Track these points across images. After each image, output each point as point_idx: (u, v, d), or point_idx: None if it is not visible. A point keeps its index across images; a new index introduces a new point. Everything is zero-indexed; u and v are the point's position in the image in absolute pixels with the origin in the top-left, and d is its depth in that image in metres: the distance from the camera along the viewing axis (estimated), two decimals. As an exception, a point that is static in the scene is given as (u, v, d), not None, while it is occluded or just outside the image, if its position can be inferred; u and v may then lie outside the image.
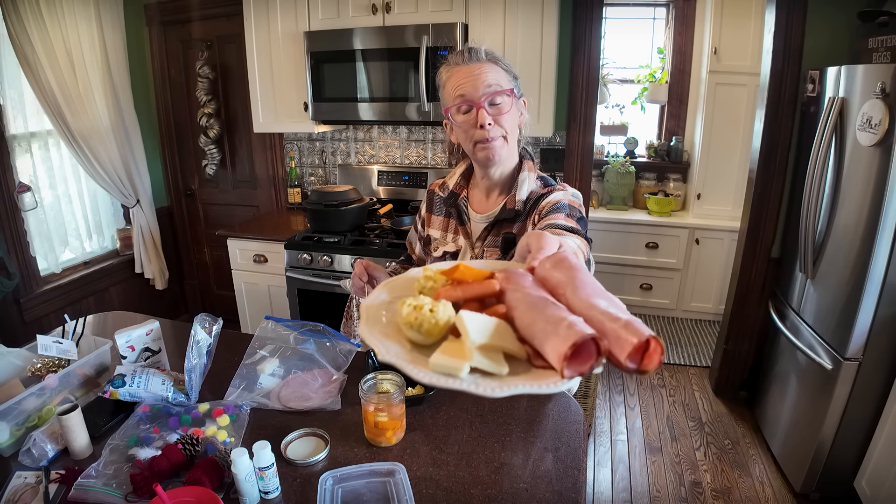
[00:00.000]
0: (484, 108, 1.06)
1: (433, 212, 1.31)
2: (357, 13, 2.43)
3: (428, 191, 1.34)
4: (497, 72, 1.08)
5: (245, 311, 2.80)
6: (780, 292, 2.36)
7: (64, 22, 2.58)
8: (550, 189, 1.16)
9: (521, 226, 1.15)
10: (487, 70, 1.07)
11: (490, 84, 1.06)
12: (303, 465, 1.00)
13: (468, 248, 1.21)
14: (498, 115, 1.08)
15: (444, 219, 1.27)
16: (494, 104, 1.07)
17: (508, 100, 1.08)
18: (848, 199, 1.82)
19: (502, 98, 1.07)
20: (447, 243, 1.24)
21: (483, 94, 1.06)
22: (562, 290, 0.52)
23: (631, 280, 3.68)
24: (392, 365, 0.48)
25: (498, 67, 1.09)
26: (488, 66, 1.07)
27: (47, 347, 1.21)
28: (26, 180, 2.61)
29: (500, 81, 1.07)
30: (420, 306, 0.51)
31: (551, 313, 0.48)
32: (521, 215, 1.15)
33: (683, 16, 3.71)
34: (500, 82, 1.07)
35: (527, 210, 1.15)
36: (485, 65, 1.07)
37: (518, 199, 1.14)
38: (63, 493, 0.93)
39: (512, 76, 1.11)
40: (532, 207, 1.15)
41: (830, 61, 2.03)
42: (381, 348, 0.49)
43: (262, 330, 1.35)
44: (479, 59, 1.08)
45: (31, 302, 2.63)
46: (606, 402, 2.76)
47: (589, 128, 2.56)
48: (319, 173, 3.18)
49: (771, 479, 2.17)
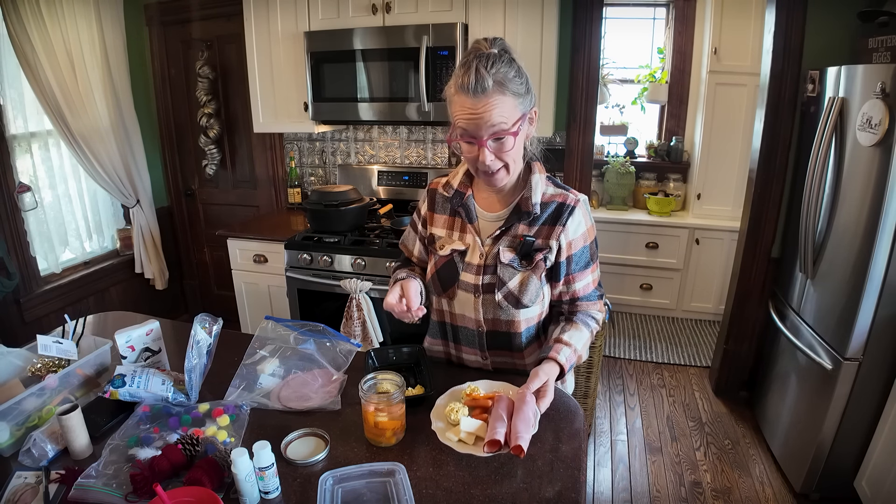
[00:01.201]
0: (486, 147, 1.04)
1: (436, 210, 1.28)
2: (357, 13, 2.43)
3: (428, 189, 1.30)
4: (503, 104, 1.01)
5: (245, 311, 2.80)
6: (780, 292, 2.36)
7: (64, 22, 2.58)
8: (565, 197, 1.16)
9: (539, 229, 1.16)
10: (493, 105, 1.00)
11: (494, 123, 1.01)
12: (303, 465, 1.00)
13: (476, 247, 1.19)
14: (500, 151, 1.06)
15: (450, 217, 1.25)
16: (498, 140, 1.05)
17: (512, 138, 1.05)
18: (848, 199, 1.82)
19: (506, 136, 1.04)
20: (454, 241, 1.22)
21: (486, 133, 1.03)
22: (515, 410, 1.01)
23: (631, 280, 3.68)
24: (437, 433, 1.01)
25: (506, 96, 1.01)
26: (494, 100, 1.00)
27: (47, 347, 1.21)
28: (26, 180, 2.61)
29: (506, 116, 1.02)
30: (452, 409, 1.04)
31: (495, 422, 0.99)
32: (539, 219, 1.16)
33: (683, 16, 3.71)
34: (506, 117, 1.02)
35: (546, 216, 1.16)
36: (491, 99, 1.00)
37: (533, 202, 1.14)
38: (63, 493, 0.93)
39: (521, 95, 1.05)
40: (555, 218, 1.15)
41: (830, 61, 2.03)
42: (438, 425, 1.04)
43: (262, 330, 1.35)
44: (485, 89, 0.99)
45: (31, 302, 2.64)
46: (606, 402, 2.76)
47: (589, 128, 2.56)
48: (319, 173, 3.18)
49: (771, 479, 2.18)
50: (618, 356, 3.21)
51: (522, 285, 1.15)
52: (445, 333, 1.31)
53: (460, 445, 0.97)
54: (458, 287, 1.21)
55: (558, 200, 1.16)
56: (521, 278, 1.16)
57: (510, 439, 0.94)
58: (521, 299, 1.16)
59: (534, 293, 1.16)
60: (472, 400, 1.06)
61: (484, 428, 0.99)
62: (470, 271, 1.19)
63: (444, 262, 1.22)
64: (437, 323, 1.31)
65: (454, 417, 1.01)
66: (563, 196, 1.17)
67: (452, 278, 1.21)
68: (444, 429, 1.00)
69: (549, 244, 1.15)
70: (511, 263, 1.15)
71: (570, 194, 1.18)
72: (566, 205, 1.16)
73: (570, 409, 1.16)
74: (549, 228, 1.15)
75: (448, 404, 1.05)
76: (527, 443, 0.94)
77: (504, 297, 1.16)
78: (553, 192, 1.18)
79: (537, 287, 1.16)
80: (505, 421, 0.98)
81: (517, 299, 1.16)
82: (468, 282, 1.19)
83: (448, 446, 0.99)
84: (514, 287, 1.16)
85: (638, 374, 3.02)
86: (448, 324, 1.28)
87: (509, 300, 1.16)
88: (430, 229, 1.28)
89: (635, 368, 3.09)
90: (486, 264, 1.18)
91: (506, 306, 1.17)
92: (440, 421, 1.03)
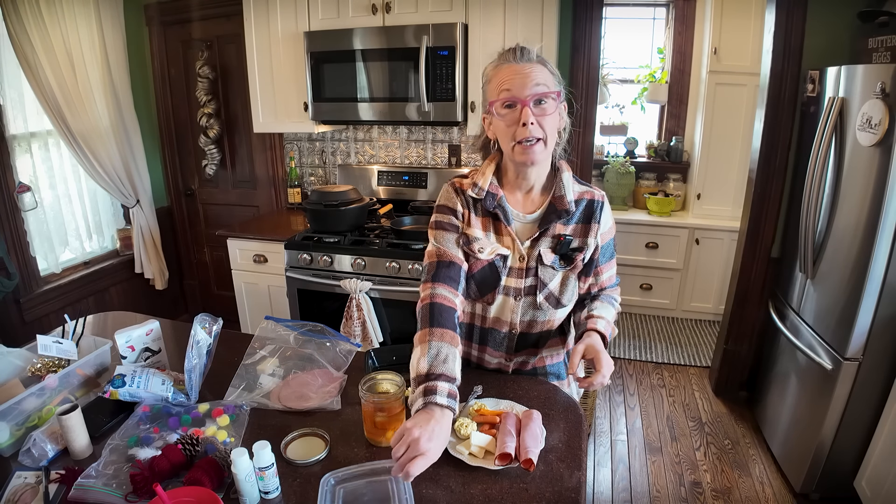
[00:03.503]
0: (528, 107, 1.05)
1: (471, 211, 1.19)
2: (357, 13, 2.43)
3: (455, 188, 1.20)
4: (546, 74, 1.08)
5: (245, 311, 2.80)
6: (780, 292, 2.36)
7: (64, 22, 2.58)
8: (592, 194, 1.19)
9: (574, 228, 1.17)
10: (537, 70, 1.07)
11: (538, 83, 1.06)
12: (303, 465, 1.00)
13: (517, 249, 1.16)
14: (541, 116, 1.07)
15: (483, 218, 1.19)
16: (539, 104, 1.07)
17: (553, 103, 1.08)
18: (848, 199, 1.82)
19: (548, 100, 1.07)
20: (492, 244, 1.17)
21: (530, 92, 1.05)
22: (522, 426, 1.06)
23: (631, 280, 3.68)
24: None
25: (547, 70, 1.09)
26: (538, 67, 1.08)
27: (47, 347, 1.21)
28: (26, 180, 2.61)
29: (548, 83, 1.08)
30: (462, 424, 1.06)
31: (504, 437, 1.02)
32: (573, 216, 1.17)
33: (683, 16, 3.71)
34: (548, 84, 1.08)
35: (580, 212, 1.17)
36: (535, 65, 1.08)
37: (569, 201, 1.15)
38: (63, 493, 0.93)
39: (558, 80, 1.11)
40: (587, 215, 1.17)
41: (830, 61, 2.03)
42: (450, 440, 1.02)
43: (262, 330, 1.35)
44: (529, 59, 1.08)
45: (31, 302, 2.63)
46: (606, 402, 2.76)
47: (589, 128, 2.56)
48: (319, 173, 3.18)
49: (771, 479, 2.18)
50: (618, 356, 3.21)
51: (563, 285, 1.17)
52: (472, 336, 1.26)
53: (471, 459, 0.99)
54: (498, 291, 1.17)
55: (587, 198, 1.18)
56: (561, 278, 1.17)
57: (520, 454, 0.98)
58: (561, 299, 1.18)
59: (571, 292, 1.18)
60: (481, 416, 1.09)
61: (493, 443, 1.02)
62: (512, 275, 1.17)
63: (485, 266, 1.16)
64: (465, 325, 1.25)
65: (464, 432, 1.04)
66: (591, 193, 1.19)
67: (494, 282, 1.16)
68: (455, 442, 1.03)
69: (587, 242, 1.16)
70: (552, 265, 1.16)
71: (595, 191, 1.20)
72: (596, 201, 1.18)
73: (570, 408, 1.16)
74: (584, 227, 1.17)
75: (458, 420, 1.07)
76: (536, 457, 0.97)
77: (545, 298, 1.17)
78: (580, 189, 1.19)
79: (574, 285, 1.18)
80: (514, 436, 1.01)
81: (557, 300, 1.18)
82: (510, 286, 1.17)
83: (447, 446, 0.99)
84: (554, 288, 1.17)
85: (638, 374, 3.02)
86: (477, 327, 1.24)
87: (550, 301, 1.18)
88: (466, 230, 1.18)
89: (635, 368, 3.09)
90: (528, 267, 1.16)
91: (546, 307, 1.18)
92: (450, 435, 1.03)
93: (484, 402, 1.15)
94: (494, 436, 1.04)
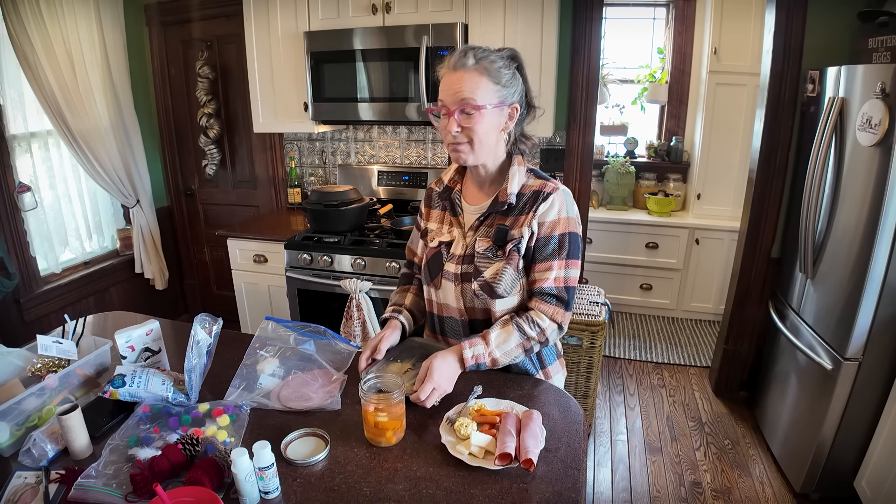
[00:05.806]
0: (454, 117, 1.12)
1: (431, 206, 1.36)
2: (357, 13, 2.43)
3: (427, 189, 1.40)
4: (479, 83, 1.09)
5: (245, 311, 2.80)
6: (780, 292, 2.36)
7: (64, 22, 2.58)
8: (543, 185, 1.19)
9: (514, 219, 1.19)
10: (468, 79, 1.09)
11: (465, 97, 1.09)
12: (303, 465, 1.00)
13: (460, 238, 1.25)
14: (466, 123, 1.12)
15: (441, 212, 1.32)
16: (466, 113, 1.11)
17: (478, 113, 1.11)
18: (848, 199, 1.82)
19: (472, 110, 1.11)
20: (443, 234, 1.29)
21: (455, 103, 1.11)
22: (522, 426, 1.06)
23: (631, 280, 3.68)
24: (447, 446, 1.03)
25: (484, 78, 1.10)
26: (471, 75, 1.09)
27: (47, 347, 1.21)
28: (26, 180, 2.61)
29: (477, 94, 1.09)
30: (462, 424, 1.05)
31: (504, 437, 1.02)
32: (515, 209, 1.19)
33: (683, 16, 3.71)
34: (476, 95, 1.09)
35: (522, 205, 1.19)
36: (468, 73, 1.09)
37: (509, 192, 1.18)
38: (63, 493, 0.93)
39: (502, 85, 1.12)
40: (528, 205, 1.18)
41: (830, 61, 2.03)
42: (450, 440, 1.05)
43: (263, 330, 1.35)
44: (464, 66, 1.10)
45: (31, 302, 2.64)
46: (606, 402, 2.76)
47: (589, 128, 2.56)
48: (319, 173, 3.18)
49: (771, 479, 2.18)
50: (618, 356, 3.21)
51: (497, 275, 1.18)
52: (434, 326, 1.35)
53: (471, 459, 0.99)
54: (443, 276, 1.26)
55: (535, 189, 1.19)
56: (495, 268, 1.18)
57: (520, 454, 0.98)
58: (496, 289, 1.18)
59: (509, 283, 1.18)
60: (481, 416, 1.10)
61: (493, 443, 1.02)
62: (452, 261, 1.24)
63: (433, 254, 1.28)
64: (429, 314, 1.36)
65: (464, 432, 1.04)
66: (542, 185, 1.19)
67: (438, 268, 1.27)
68: (455, 442, 1.03)
69: (522, 231, 1.17)
70: (486, 253, 1.19)
71: (549, 184, 1.20)
72: (542, 192, 1.18)
73: (569, 408, 1.16)
74: (523, 217, 1.18)
75: (457, 420, 1.07)
76: (536, 457, 0.97)
77: (480, 286, 1.20)
78: (533, 182, 1.21)
79: (513, 277, 1.18)
80: (514, 436, 1.02)
81: (492, 288, 1.18)
82: (450, 271, 1.25)
83: (444, 444, 1.02)
84: (489, 276, 1.18)
85: (638, 374, 3.02)
86: (435, 315, 1.32)
87: (485, 289, 1.19)
88: (425, 224, 1.35)
89: (635, 368, 3.09)
90: (466, 254, 1.22)
91: (482, 295, 1.20)
92: (450, 435, 1.05)
93: (484, 402, 1.15)
94: (494, 436, 1.04)
